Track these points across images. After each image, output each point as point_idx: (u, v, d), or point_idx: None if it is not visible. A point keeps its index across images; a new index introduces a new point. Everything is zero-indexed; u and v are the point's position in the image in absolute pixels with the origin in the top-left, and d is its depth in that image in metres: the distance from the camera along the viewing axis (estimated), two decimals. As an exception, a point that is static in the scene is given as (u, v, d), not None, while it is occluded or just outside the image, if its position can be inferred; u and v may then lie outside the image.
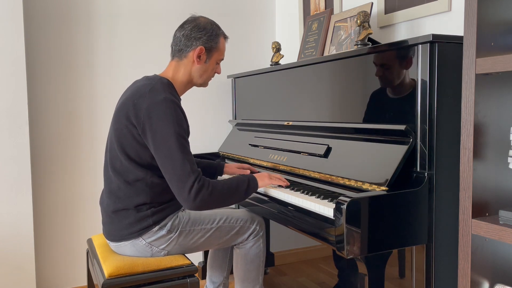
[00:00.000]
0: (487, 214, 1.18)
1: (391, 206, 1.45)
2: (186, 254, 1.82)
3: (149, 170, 1.68)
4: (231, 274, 2.44)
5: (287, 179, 1.93)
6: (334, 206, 1.43)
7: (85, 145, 2.62)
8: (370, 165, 1.60)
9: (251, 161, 2.29)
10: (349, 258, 1.40)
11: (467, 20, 1.13)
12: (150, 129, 1.61)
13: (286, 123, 2.16)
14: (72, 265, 2.64)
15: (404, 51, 1.56)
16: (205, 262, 2.73)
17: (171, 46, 1.82)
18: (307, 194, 1.71)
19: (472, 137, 1.14)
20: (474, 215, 1.16)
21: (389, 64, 1.63)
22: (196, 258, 2.82)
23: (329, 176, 1.74)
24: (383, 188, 1.48)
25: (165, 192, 1.70)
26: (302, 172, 1.90)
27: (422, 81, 1.49)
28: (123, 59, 2.68)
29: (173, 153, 1.58)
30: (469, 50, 1.13)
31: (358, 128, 1.75)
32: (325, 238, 1.49)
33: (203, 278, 2.70)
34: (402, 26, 2.09)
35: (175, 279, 1.70)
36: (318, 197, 1.65)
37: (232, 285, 2.55)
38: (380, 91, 1.68)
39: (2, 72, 2.26)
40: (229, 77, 2.82)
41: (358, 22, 1.90)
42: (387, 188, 1.47)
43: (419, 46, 1.49)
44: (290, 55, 2.92)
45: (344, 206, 1.37)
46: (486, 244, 1.19)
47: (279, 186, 1.87)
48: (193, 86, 1.86)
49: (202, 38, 1.76)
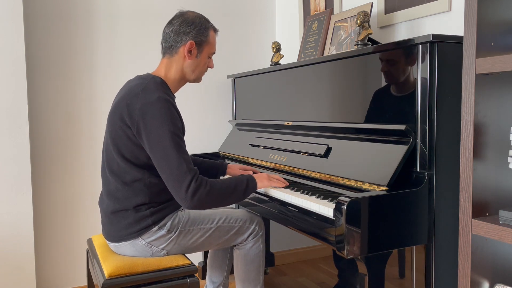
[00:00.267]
0: (487, 214, 1.18)
1: (391, 206, 1.45)
2: (186, 254, 1.82)
3: (146, 170, 1.68)
4: (231, 274, 2.45)
5: (287, 179, 1.92)
6: (334, 206, 1.43)
7: (85, 145, 2.62)
8: (370, 165, 1.60)
9: (251, 161, 2.28)
10: (349, 258, 1.40)
11: (467, 20, 1.13)
12: (144, 129, 1.60)
13: (286, 123, 2.16)
14: (72, 265, 2.64)
15: (404, 51, 1.56)
16: (205, 262, 2.73)
17: (161, 44, 1.81)
18: (307, 194, 1.71)
19: (472, 137, 1.14)
20: (474, 215, 1.16)
21: (389, 64, 1.63)
22: (196, 258, 2.82)
23: (329, 176, 1.74)
24: (383, 188, 1.48)
25: (163, 191, 1.69)
26: (302, 172, 1.90)
27: (422, 81, 1.49)
28: (123, 59, 2.68)
29: (168, 152, 1.58)
30: (469, 50, 1.13)
31: (358, 128, 1.75)
32: (325, 238, 1.49)
33: (203, 278, 2.70)
34: (402, 26, 2.09)
35: (175, 279, 1.70)
36: (318, 197, 1.65)
37: (232, 285, 2.55)
38: (380, 91, 1.68)
39: (2, 72, 2.26)
40: (229, 77, 2.82)
41: (358, 22, 1.90)
42: (387, 188, 1.47)
43: (419, 46, 1.49)
44: (290, 55, 2.92)
45: (344, 206, 1.37)
46: (486, 244, 1.19)
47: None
48: (186, 83, 1.84)
49: (192, 33, 1.74)
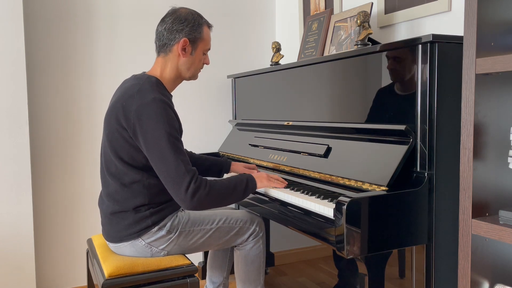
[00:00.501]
0: (487, 214, 1.18)
1: (391, 206, 1.45)
2: (186, 254, 1.82)
3: (145, 171, 1.67)
4: (231, 274, 2.45)
5: (287, 179, 1.92)
6: (334, 206, 1.43)
7: (85, 145, 2.62)
8: (370, 165, 1.60)
9: (251, 161, 2.28)
10: (349, 258, 1.40)
11: (467, 20, 1.13)
12: (140, 131, 1.59)
13: (286, 123, 2.16)
14: (72, 265, 2.64)
15: (404, 51, 1.56)
16: (205, 262, 2.73)
17: (155, 42, 1.78)
18: (307, 194, 1.71)
19: (472, 137, 1.14)
20: (474, 215, 1.16)
21: (389, 64, 1.63)
22: (196, 258, 2.82)
23: (329, 176, 1.74)
24: (383, 188, 1.48)
25: (163, 192, 1.69)
26: (302, 172, 1.90)
27: (422, 81, 1.49)
28: (123, 59, 2.68)
29: (165, 154, 1.56)
30: (469, 50, 1.13)
31: (358, 128, 1.75)
32: (325, 238, 1.49)
33: (203, 278, 2.70)
34: (402, 26, 2.09)
35: (175, 279, 1.70)
36: (318, 197, 1.65)
37: (232, 285, 2.55)
38: (380, 91, 1.68)
39: (2, 72, 2.26)
40: (229, 77, 2.82)
41: (358, 22, 1.90)
42: (387, 188, 1.47)
43: (419, 46, 1.49)
44: (290, 55, 2.92)
45: (344, 206, 1.37)
46: (486, 244, 1.19)
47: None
48: (183, 81, 1.82)
49: (185, 30, 1.72)
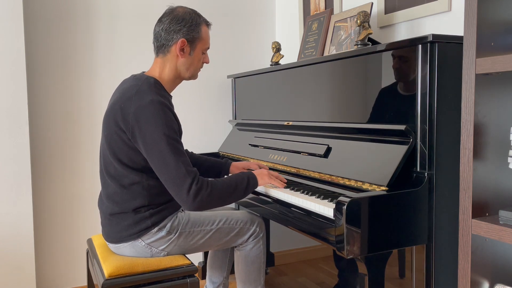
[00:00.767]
0: (487, 214, 1.18)
1: (391, 206, 1.44)
2: (186, 255, 1.82)
3: (144, 173, 1.66)
4: (231, 274, 2.45)
5: (287, 179, 1.92)
6: (334, 206, 1.43)
7: (85, 145, 2.62)
8: (370, 165, 1.60)
9: (251, 161, 2.28)
10: (349, 258, 1.40)
11: (467, 20, 1.13)
12: (139, 133, 1.58)
13: (286, 123, 2.16)
14: (72, 265, 2.64)
15: (404, 51, 1.56)
16: (205, 262, 2.73)
17: (153, 43, 1.76)
18: (307, 194, 1.71)
19: (472, 137, 1.14)
20: (474, 215, 1.16)
21: (389, 64, 1.63)
22: (196, 258, 2.82)
23: (329, 176, 1.74)
24: (383, 188, 1.48)
25: (162, 193, 1.68)
26: (302, 172, 1.90)
27: (422, 81, 1.49)
28: (123, 59, 2.68)
29: (165, 156, 1.55)
30: (469, 50, 1.13)
31: (358, 128, 1.75)
32: (325, 238, 1.49)
33: (203, 278, 2.70)
34: (402, 26, 2.09)
35: (175, 279, 1.70)
36: (318, 197, 1.65)
37: (232, 285, 2.55)
38: (380, 91, 1.68)
39: (2, 72, 2.26)
40: (229, 77, 2.82)
41: (358, 22, 1.90)
42: (387, 188, 1.47)
43: (419, 46, 1.49)
44: (290, 55, 2.92)
45: (344, 206, 1.37)
46: (486, 244, 1.19)
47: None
48: (182, 81, 1.80)
49: (182, 30, 1.69)
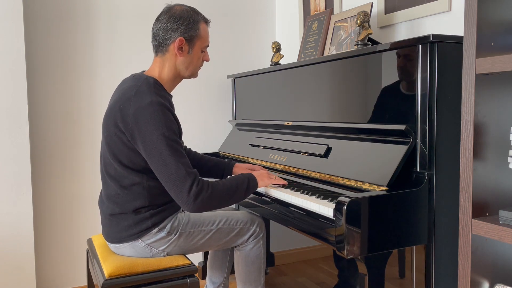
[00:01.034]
0: (487, 214, 1.18)
1: (391, 206, 1.44)
2: (186, 255, 1.82)
3: (144, 174, 1.66)
4: (231, 274, 2.45)
5: (287, 179, 1.92)
6: (334, 206, 1.43)
7: (85, 145, 2.62)
8: (370, 165, 1.60)
9: (251, 161, 2.28)
10: (349, 258, 1.40)
11: (467, 20, 1.13)
12: (139, 135, 1.57)
13: (286, 123, 2.16)
14: (72, 265, 2.64)
15: (404, 51, 1.56)
16: (205, 262, 2.73)
17: (152, 42, 1.75)
18: (307, 194, 1.71)
19: (472, 137, 1.14)
20: (474, 215, 1.16)
21: (389, 64, 1.63)
22: (196, 258, 2.82)
23: (329, 176, 1.74)
24: (383, 188, 1.48)
25: (163, 194, 1.68)
26: (302, 172, 1.90)
27: (422, 81, 1.49)
28: (123, 59, 2.68)
29: (165, 158, 1.55)
30: (469, 50, 1.13)
31: (358, 128, 1.75)
32: (325, 238, 1.49)
33: (203, 278, 2.70)
34: (402, 26, 2.09)
35: (175, 279, 1.70)
36: (318, 197, 1.65)
37: (232, 285, 2.55)
38: (380, 91, 1.68)
39: (2, 72, 2.26)
40: (229, 77, 2.81)
41: (358, 22, 1.90)
42: (387, 188, 1.47)
43: (419, 46, 1.49)
44: (290, 55, 2.92)
45: (344, 206, 1.37)
46: (486, 244, 1.19)
47: (279, 186, 1.87)
48: (182, 79, 1.80)
49: (180, 29, 1.67)
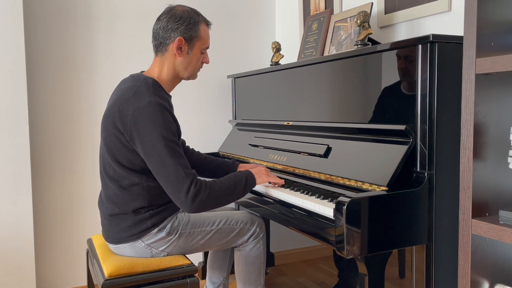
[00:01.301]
0: (487, 214, 1.18)
1: (391, 206, 1.44)
2: (186, 255, 1.82)
3: (143, 174, 1.66)
4: (231, 274, 2.45)
5: (287, 179, 1.92)
6: (334, 206, 1.43)
7: (85, 145, 2.62)
8: (370, 165, 1.60)
9: (251, 161, 2.28)
10: (349, 258, 1.40)
11: (467, 20, 1.13)
12: (137, 135, 1.57)
13: (286, 123, 2.16)
14: (72, 265, 2.64)
15: (404, 51, 1.56)
16: (205, 262, 2.73)
17: (152, 42, 1.76)
18: (307, 194, 1.71)
19: (472, 137, 1.14)
20: (474, 215, 1.16)
21: (389, 64, 1.63)
22: (196, 258, 2.82)
23: (329, 176, 1.74)
24: (383, 188, 1.48)
25: (162, 194, 1.68)
26: (302, 172, 1.90)
27: (422, 81, 1.49)
28: (123, 59, 2.68)
29: (164, 159, 1.55)
30: (469, 50, 1.13)
31: (358, 128, 1.75)
32: (325, 238, 1.49)
33: (203, 278, 2.70)
34: (402, 26, 2.09)
35: (175, 279, 1.70)
36: (318, 197, 1.65)
37: (232, 285, 2.55)
38: (380, 91, 1.68)
39: (2, 72, 2.26)
40: (229, 77, 2.82)
41: (358, 22, 1.90)
42: (387, 188, 1.47)
43: (419, 46, 1.49)
44: (290, 55, 2.92)
45: (344, 206, 1.37)
46: (486, 244, 1.19)
47: (277, 185, 1.86)
48: (181, 80, 1.80)
49: (180, 28, 1.68)
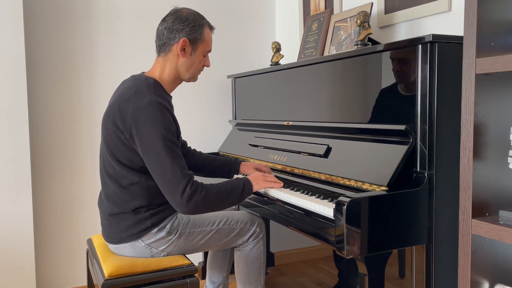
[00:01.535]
0: (487, 214, 1.18)
1: (391, 206, 1.44)
2: (186, 255, 1.82)
3: (143, 173, 1.66)
4: (231, 274, 2.45)
5: (287, 179, 1.92)
6: (334, 206, 1.43)
7: (85, 145, 2.62)
8: (370, 165, 1.60)
9: (251, 161, 2.28)
10: (349, 258, 1.40)
11: (467, 20, 1.13)
12: (137, 134, 1.58)
13: (286, 123, 2.16)
14: (72, 265, 2.64)
15: (404, 51, 1.56)
16: (205, 262, 2.73)
17: (155, 42, 1.77)
18: (307, 194, 1.71)
19: (472, 137, 1.14)
20: (474, 215, 1.16)
21: (389, 64, 1.63)
22: (196, 258, 2.82)
23: (329, 176, 1.74)
24: (383, 188, 1.48)
25: (162, 193, 1.67)
26: (302, 172, 1.90)
27: (422, 81, 1.49)
28: (123, 59, 2.68)
29: (161, 158, 1.56)
30: (469, 50, 1.13)
31: (358, 128, 1.75)
32: (325, 238, 1.49)
33: (203, 278, 2.70)
34: (402, 26, 2.09)
35: (175, 279, 1.70)
36: (318, 197, 1.65)
37: (232, 285, 2.55)
38: (380, 91, 1.68)
39: (2, 72, 2.26)
40: (229, 77, 2.82)
41: (358, 22, 1.90)
42: (387, 188, 1.47)
43: (419, 46, 1.49)
44: (290, 55, 2.92)
45: (344, 206, 1.37)
46: (486, 244, 1.19)
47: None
48: (182, 82, 1.80)
49: (185, 30, 1.70)
